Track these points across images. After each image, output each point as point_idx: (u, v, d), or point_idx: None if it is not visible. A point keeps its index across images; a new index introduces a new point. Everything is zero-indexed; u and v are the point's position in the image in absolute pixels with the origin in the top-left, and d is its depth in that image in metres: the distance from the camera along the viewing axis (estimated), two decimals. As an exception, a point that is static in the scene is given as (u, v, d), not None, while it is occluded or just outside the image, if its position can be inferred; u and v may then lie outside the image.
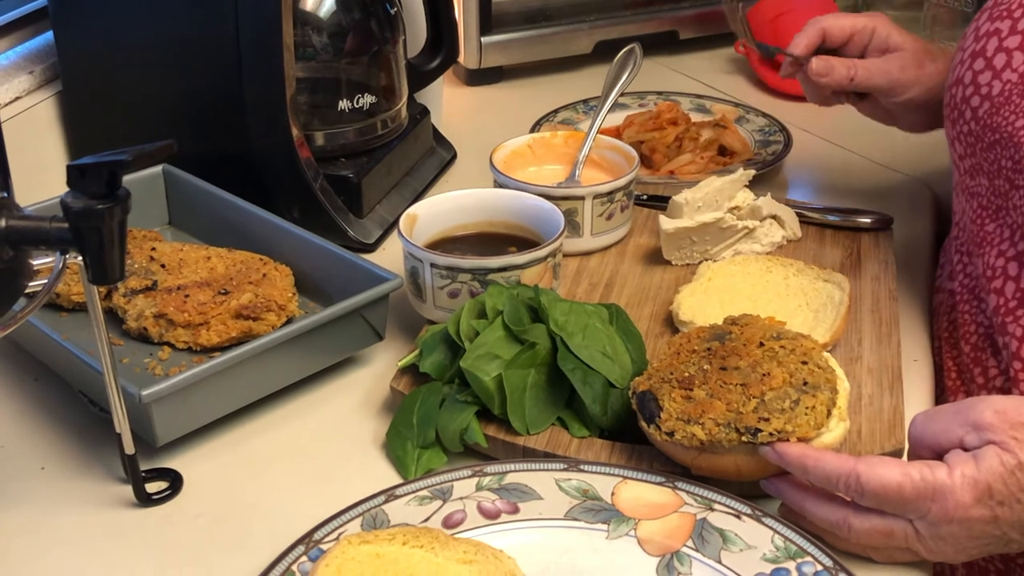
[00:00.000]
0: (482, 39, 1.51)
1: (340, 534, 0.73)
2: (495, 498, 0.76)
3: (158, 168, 1.12)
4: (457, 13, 1.32)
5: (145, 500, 0.80)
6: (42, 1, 1.26)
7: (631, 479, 0.77)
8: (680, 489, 0.76)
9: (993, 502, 0.68)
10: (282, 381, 0.89)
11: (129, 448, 0.78)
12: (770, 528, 0.72)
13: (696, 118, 1.36)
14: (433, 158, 1.31)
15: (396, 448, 0.84)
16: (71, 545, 0.77)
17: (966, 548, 0.70)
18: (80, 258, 0.64)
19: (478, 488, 0.77)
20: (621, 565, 0.72)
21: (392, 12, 1.19)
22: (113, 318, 0.96)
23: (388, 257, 1.11)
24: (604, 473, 0.77)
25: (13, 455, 0.86)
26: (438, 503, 0.76)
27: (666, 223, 1.05)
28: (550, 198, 1.02)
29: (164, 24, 1.10)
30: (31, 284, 0.67)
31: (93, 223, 0.62)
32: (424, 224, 0.99)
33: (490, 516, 0.75)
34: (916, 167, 1.25)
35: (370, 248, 1.13)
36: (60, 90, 1.22)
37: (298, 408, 0.91)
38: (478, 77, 1.55)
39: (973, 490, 0.67)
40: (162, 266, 0.98)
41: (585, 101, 1.42)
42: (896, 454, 0.81)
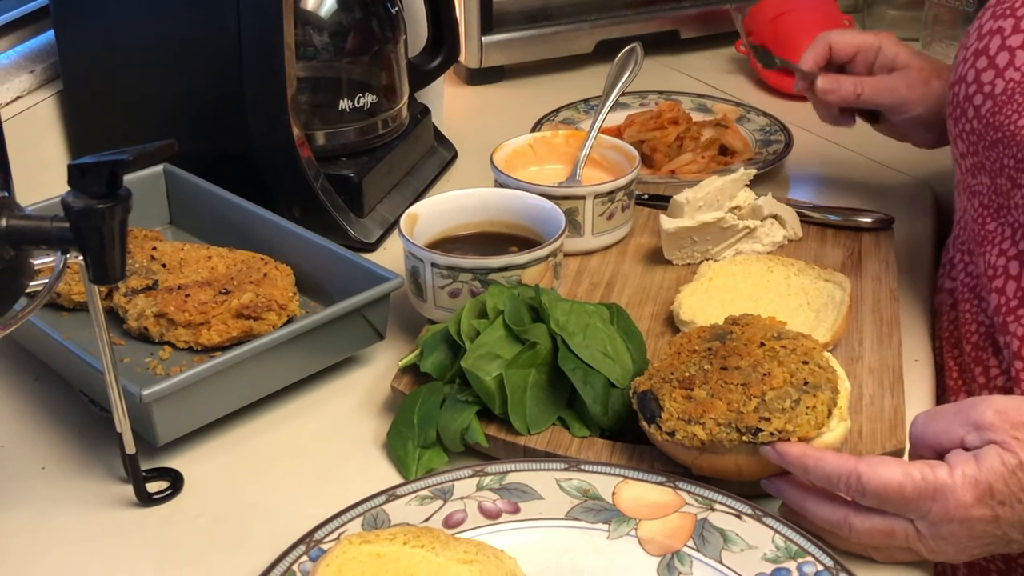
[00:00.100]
0: (483, 38, 1.51)
1: (341, 534, 0.72)
2: (496, 498, 0.76)
3: (159, 167, 1.12)
4: (458, 12, 1.32)
5: (146, 500, 0.80)
6: (43, 0, 1.26)
7: (632, 479, 0.77)
8: (681, 489, 0.76)
9: (994, 502, 0.68)
10: (283, 381, 0.89)
11: (130, 448, 0.78)
12: (771, 528, 0.72)
13: (697, 118, 1.36)
14: (434, 157, 1.31)
15: (397, 448, 0.84)
16: (71, 545, 0.77)
17: (967, 548, 0.70)
18: (81, 258, 0.64)
19: (479, 488, 0.77)
20: (622, 565, 0.72)
21: (393, 11, 1.19)
22: (114, 318, 0.96)
23: (389, 257, 1.11)
24: (605, 473, 0.77)
25: (14, 455, 0.86)
26: (439, 503, 0.76)
27: (667, 223, 1.05)
28: (551, 198, 1.02)
29: (165, 23, 1.10)
30: (32, 284, 0.67)
31: (94, 222, 0.62)
32: (425, 224, 0.99)
33: (491, 516, 0.75)
34: (917, 167, 1.25)
35: (371, 248, 1.13)
36: (61, 89, 1.22)
37: (299, 408, 0.91)
38: (479, 76, 1.55)
39: (974, 490, 0.67)
40: (163, 265, 0.98)
41: (586, 100, 1.42)
42: (897, 454, 0.80)
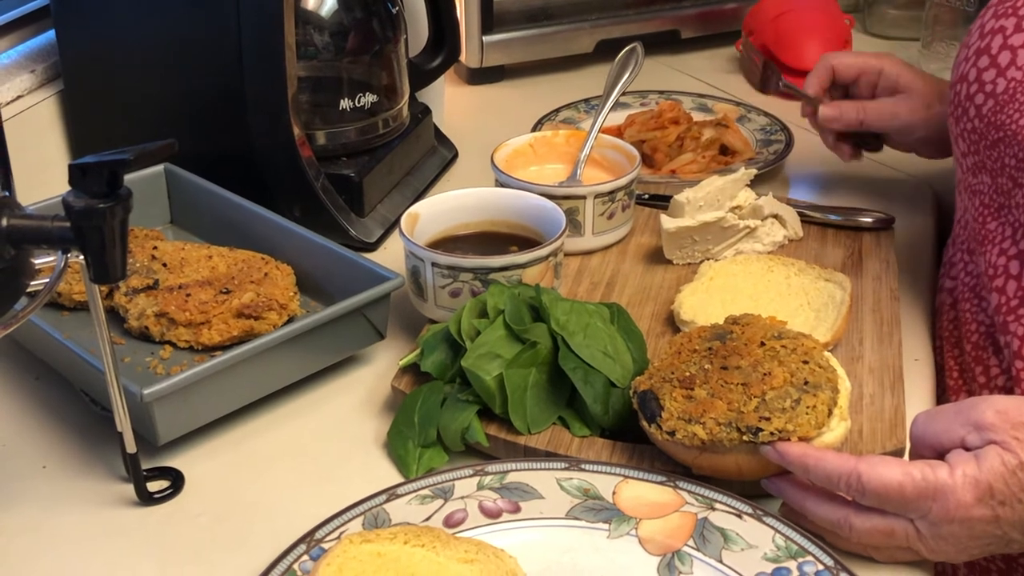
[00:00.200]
0: (484, 38, 1.51)
1: (341, 533, 0.73)
2: (496, 497, 0.76)
3: (160, 167, 1.12)
4: (459, 12, 1.32)
5: (146, 499, 0.80)
6: (44, 0, 1.26)
7: (632, 478, 0.77)
8: (681, 488, 0.76)
9: (994, 502, 0.68)
10: (283, 380, 0.89)
11: (131, 447, 0.78)
12: (771, 527, 0.72)
13: (698, 117, 1.36)
14: (434, 157, 1.31)
15: (397, 447, 0.84)
16: (72, 544, 0.77)
17: (967, 548, 0.70)
18: (82, 257, 0.64)
19: (479, 487, 0.77)
20: (622, 564, 0.72)
21: (394, 11, 1.19)
22: (114, 317, 0.96)
23: (389, 256, 1.11)
24: (605, 472, 0.77)
25: (14, 454, 0.86)
26: (439, 502, 0.76)
27: (667, 222, 1.05)
28: (552, 197, 1.02)
29: (166, 23, 1.10)
30: (33, 283, 0.67)
31: (95, 222, 0.62)
32: (425, 223, 0.99)
33: (491, 515, 0.75)
34: (917, 167, 1.25)
35: (371, 247, 1.13)
36: (61, 89, 1.22)
37: (299, 407, 0.91)
38: (480, 76, 1.55)
39: (974, 490, 0.67)
40: (164, 265, 0.98)
41: (587, 100, 1.42)
42: (897, 454, 0.80)
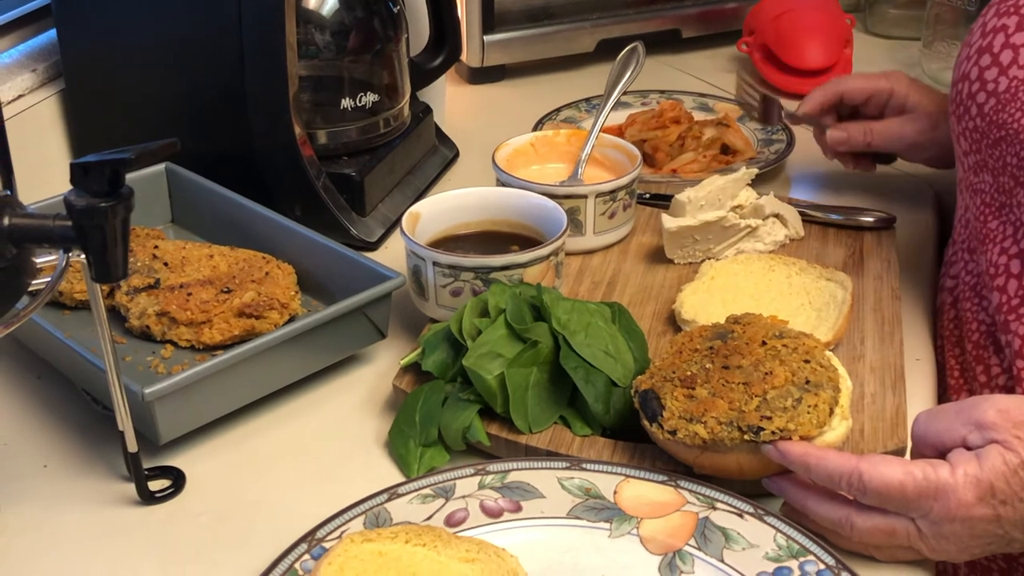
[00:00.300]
0: (485, 37, 1.51)
1: (343, 532, 0.73)
2: (497, 496, 0.76)
3: (161, 166, 1.12)
4: (460, 11, 1.32)
5: (148, 498, 0.80)
6: (45, -1, 1.27)
7: (633, 478, 0.77)
8: (682, 488, 0.76)
9: (996, 501, 0.67)
10: (285, 379, 0.89)
11: (132, 446, 0.78)
12: (772, 527, 0.72)
13: (699, 117, 1.36)
14: (435, 156, 1.31)
15: (398, 446, 0.84)
16: (74, 543, 0.77)
17: (968, 547, 0.70)
18: (83, 256, 0.64)
19: (480, 487, 0.77)
20: (623, 564, 0.72)
21: (395, 10, 1.19)
22: (116, 316, 0.96)
23: (390, 255, 1.11)
24: (606, 472, 0.77)
25: (16, 453, 0.86)
26: (440, 501, 0.76)
27: (669, 222, 1.05)
28: (553, 196, 1.02)
29: (167, 23, 1.10)
30: (34, 282, 0.67)
31: (96, 221, 0.62)
32: (427, 222, 0.99)
33: (492, 515, 0.75)
34: (918, 167, 1.24)
35: (372, 246, 1.13)
36: (63, 88, 1.22)
37: (301, 406, 0.91)
38: (481, 75, 1.55)
39: (976, 489, 0.67)
40: (165, 264, 0.98)
41: (588, 99, 1.42)
42: (899, 453, 0.80)
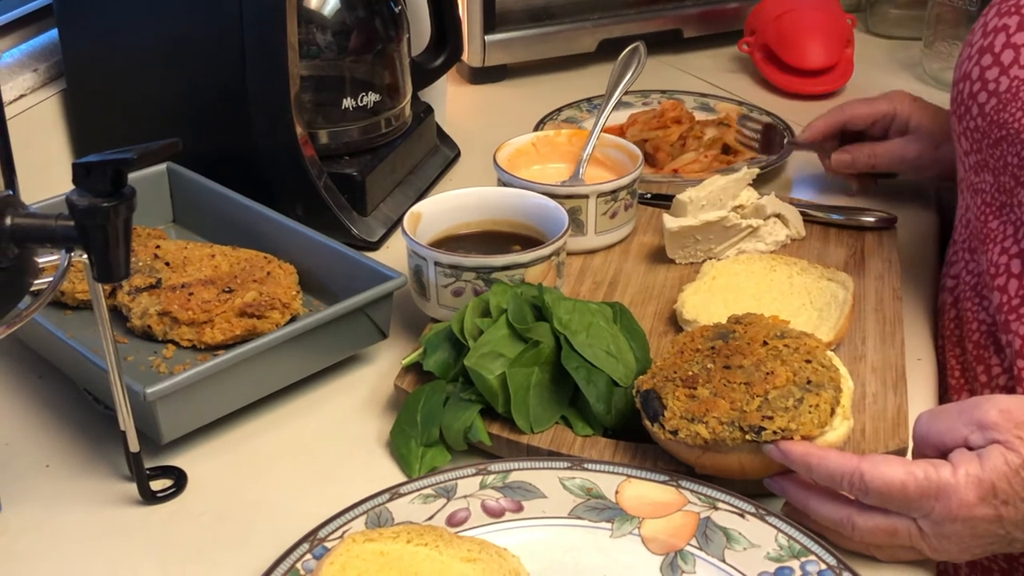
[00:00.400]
0: (486, 37, 1.51)
1: (344, 532, 0.73)
2: (499, 496, 0.76)
3: (162, 166, 1.12)
4: (461, 11, 1.32)
5: (149, 498, 0.80)
6: (46, -1, 1.27)
7: (635, 478, 0.77)
8: (684, 488, 0.76)
9: (997, 501, 0.68)
10: (286, 379, 0.89)
11: (134, 446, 0.78)
12: (774, 527, 0.72)
13: (700, 116, 1.36)
14: (437, 156, 1.31)
15: (400, 446, 0.84)
16: (75, 542, 0.77)
17: (970, 547, 0.70)
18: (85, 256, 0.64)
19: (482, 486, 0.77)
20: (625, 564, 0.72)
21: (396, 10, 1.19)
22: (117, 316, 0.96)
23: (392, 255, 1.11)
24: (608, 472, 0.77)
25: (18, 452, 0.86)
26: (442, 501, 0.76)
27: (670, 222, 1.05)
28: (554, 196, 1.02)
29: (169, 22, 1.10)
30: (36, 282, 0.67)
31: (98, 221, 0.62)
32: (428, 222, 0.99)
33: (494, 514, 0.75)
34: (920, 166, 1.25)
35: (374, 246, 1.13)
36: (64, 88, 1.22)
37: (302, 406, 0.91)
38: (482, 75, 1.55)
39: (977, 489, 0.67)
40: (166, 264, 0.98)
41: (589, 99, 1.42)
42: (900, 453, 0.80)
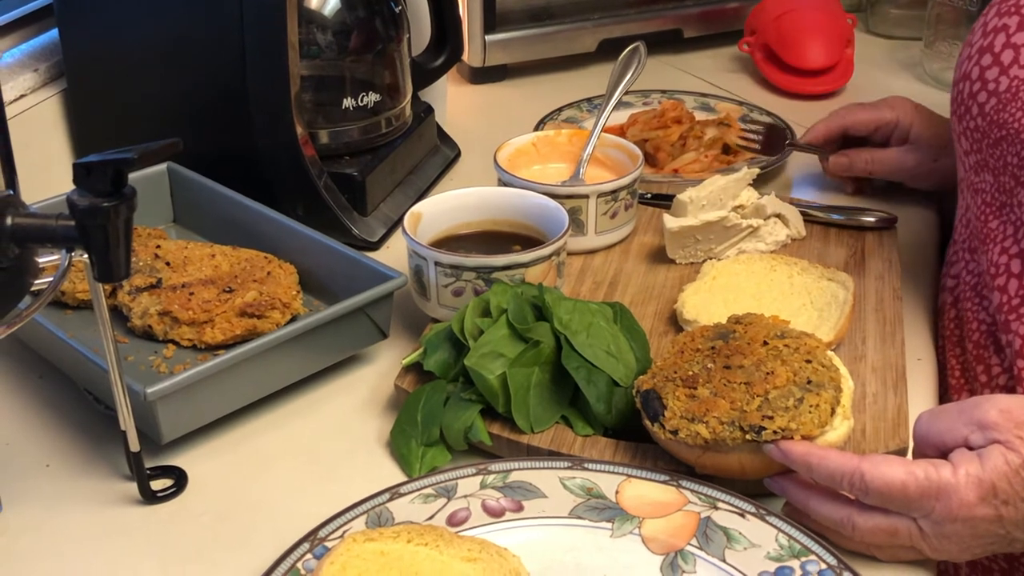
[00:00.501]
0: (486, 37, 1.51)
1: (344, 532, 0.73)
2: (499, 496, 0.76)
3: (163, 166, 1.12)
4: (461, 11, 1.32)
5: (150, 498, 0.80)
6: (47, -1, 1.27)
7: (635, 477, 0.77)
8: (684, 487, 0.76)
9: (997, 501, 0.68)
10: (286, 379, 0.89)
11: (134, 445, 0.78)
12: (774, 527, 0.72)
13: (700, 116, 1.36)
14: (437, 156, 1.31)
15: (400, 446, 0.84)
16: (76, 543, 0.77)
17: (970, 547, 0.70)
18: (86, 256, 0.64)
19: (482, 486, 0.77)
20: (625, 563, 0.72)
21: (396, 10, 1.19)
22: (118, 316, 0.96)
23: (392, 255, 1.11)
24: (608, 471, 0.77)
25: (18, 452, 0.86)
26: (442, 501, 0.76)
27: (670, 221, 1.05)
28: (554, 196, 1.02)
29: (169, 22, 1.10)
30: (36, 282, 0.67)
31: (99, 221, 0.62)
32: (428, 222, 0.99)
33: (494, 514, 0.75)
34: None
35: (374, 246, 1.13)
36: (65, 88, 1.22)
37: (302, 406, 0.91)
38: (482, 75, 1.55)
39: (977, 489, 0.67)
40: (167, 264, 0.98)
41: (589, 99, 1.42)
42: (900, 453, 0.80)
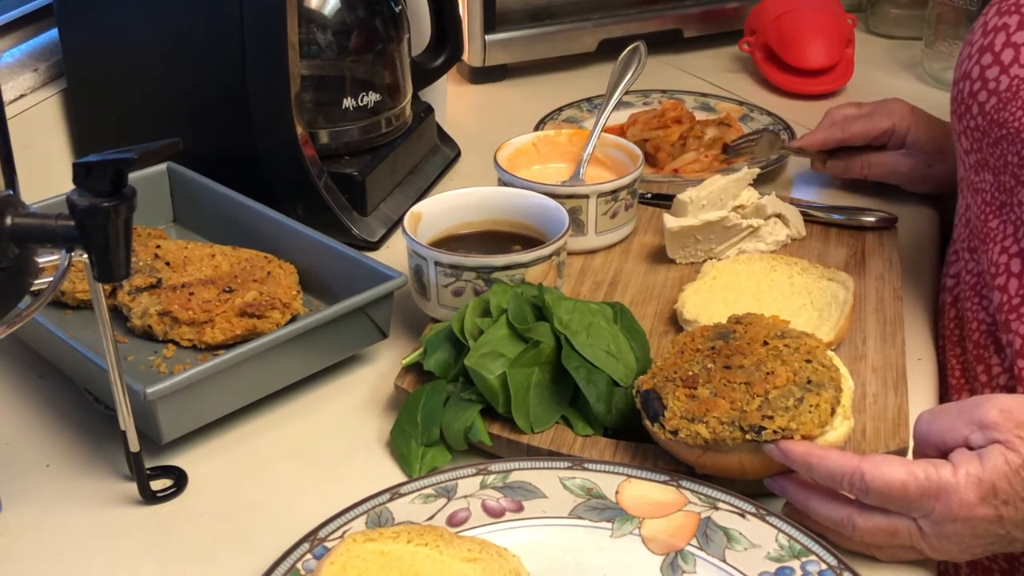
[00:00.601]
0: (486, 37, 1.51)
1: (345, 532, 0.73)
2: (499, 496, 0.76)
3: (163, 166, 1.12)
4: (461, 11, 1.32)
5: (150, 498, 0.80)
6: (47, -1, 1.27)
7: (635, 478, 0.77)
8: (684, 488, 0.76)
9: (997, 501, 0.68)
10: (286, 379, 0.89)
11: (134, 446, 0.78)
12: (774, 527, 0.72)
13: (700, 116, 1.36)
14: (437, 156, 1.31)
15: (400, 446, 0.84)
16: (75, 543, 0.77)
17: (970, 547, 0.70)
18: (85, 256, 0.64)
19: (482, 486, 0.77)
20: (625, 564, 0.72)
21: (396, 10, 1.19)
22: (118, 316, 0.96)
23: (392, 255, 1.11)
24: (608, 472, 0.77)
25: (18, 452, 0.86)
26: (442, 501, 0.76)
27: (670, 221, 1.05)
28: (555, 196, 1.02)
29: (169, 22, 1.10)
30: (36, 282, 0.67)
31: (99, 221, 0.62)
32: (428, 222, 0.99)
33: (494, 514, 0.75)
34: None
35: (374, 246, 1.13)
36: (65, 88, 1.22)
37: (302, 406, 0.91)
38: (482, 75, 1.55)
39: (978, 489, 0.67)
40: (167, 264, 0.98)
41: (589, 99, 1.42)
42: (900, 453, 0.80)
